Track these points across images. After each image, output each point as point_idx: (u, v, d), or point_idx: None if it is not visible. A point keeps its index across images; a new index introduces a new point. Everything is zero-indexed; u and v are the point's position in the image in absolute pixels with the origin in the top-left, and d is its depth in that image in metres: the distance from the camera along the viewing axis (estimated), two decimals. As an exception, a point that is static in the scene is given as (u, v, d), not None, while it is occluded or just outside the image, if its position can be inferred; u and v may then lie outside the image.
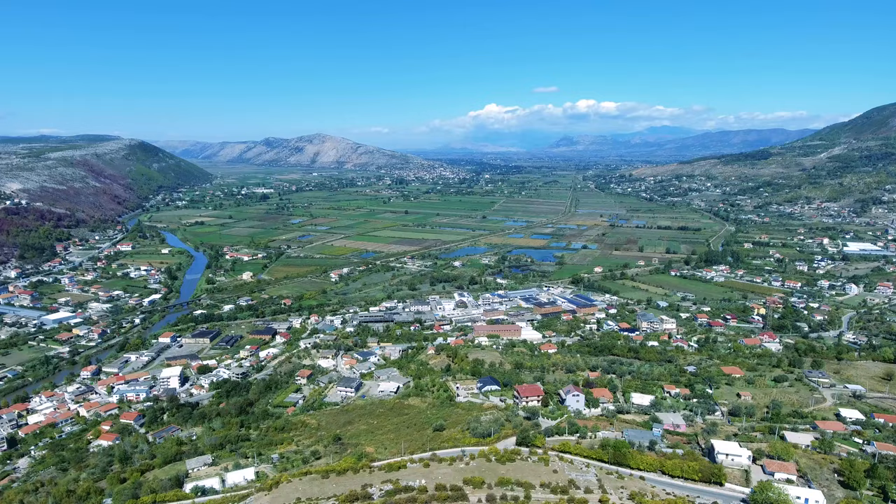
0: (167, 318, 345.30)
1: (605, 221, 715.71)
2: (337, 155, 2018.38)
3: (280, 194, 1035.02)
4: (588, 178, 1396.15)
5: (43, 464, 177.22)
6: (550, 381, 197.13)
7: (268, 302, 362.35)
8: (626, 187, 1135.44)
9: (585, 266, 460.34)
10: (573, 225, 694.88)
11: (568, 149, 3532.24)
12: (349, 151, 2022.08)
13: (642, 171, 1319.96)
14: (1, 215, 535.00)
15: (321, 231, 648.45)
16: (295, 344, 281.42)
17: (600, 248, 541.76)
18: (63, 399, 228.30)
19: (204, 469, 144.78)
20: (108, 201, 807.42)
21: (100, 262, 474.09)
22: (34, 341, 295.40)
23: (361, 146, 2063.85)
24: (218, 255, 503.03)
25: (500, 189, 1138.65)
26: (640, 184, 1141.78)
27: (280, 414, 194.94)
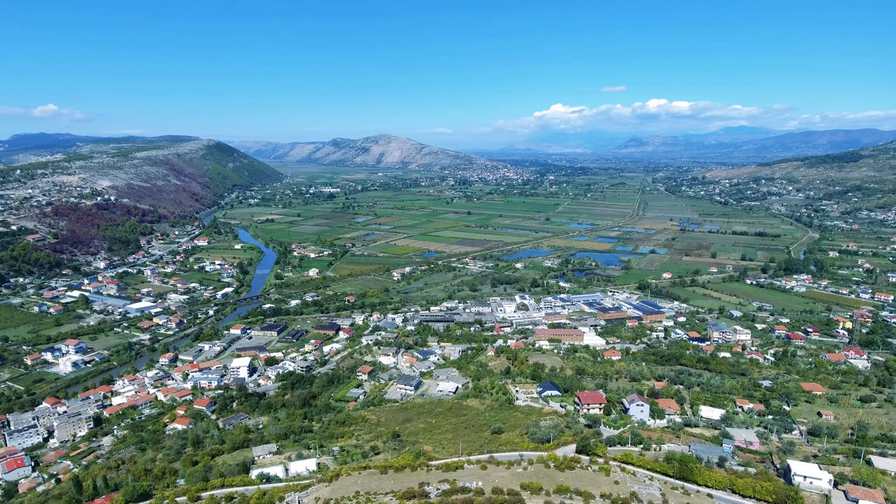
0: (238, 310, 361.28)
1: (674, 225, 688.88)
2: (401, 155, 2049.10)
3: (346, 193, 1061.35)
4: (657, 180, 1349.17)
5: (124, 443, 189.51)
6: (613, 389, 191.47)
7: (332, 298, 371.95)
8: (698, 190, 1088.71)
9: (653, 271, 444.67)
10: (641, 229, 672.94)
11: (636, 150, 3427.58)
12: (413, 152, 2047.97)
13: (716, 174, 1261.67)
14: (93, 210, 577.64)
15: (385, 230, 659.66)
16: (357, 340, 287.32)
17: (669, 253, 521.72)
18: (143, 383, 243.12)
19: (269, 457, 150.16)
20: (187, 198, 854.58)
21: (178, 256, 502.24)
22: (119, 328, 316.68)
23: (425, 147, 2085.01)
24: (286, 251, 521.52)
25: (565, 191, 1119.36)
26: (714, 186, 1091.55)
27: (341, 408, 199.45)
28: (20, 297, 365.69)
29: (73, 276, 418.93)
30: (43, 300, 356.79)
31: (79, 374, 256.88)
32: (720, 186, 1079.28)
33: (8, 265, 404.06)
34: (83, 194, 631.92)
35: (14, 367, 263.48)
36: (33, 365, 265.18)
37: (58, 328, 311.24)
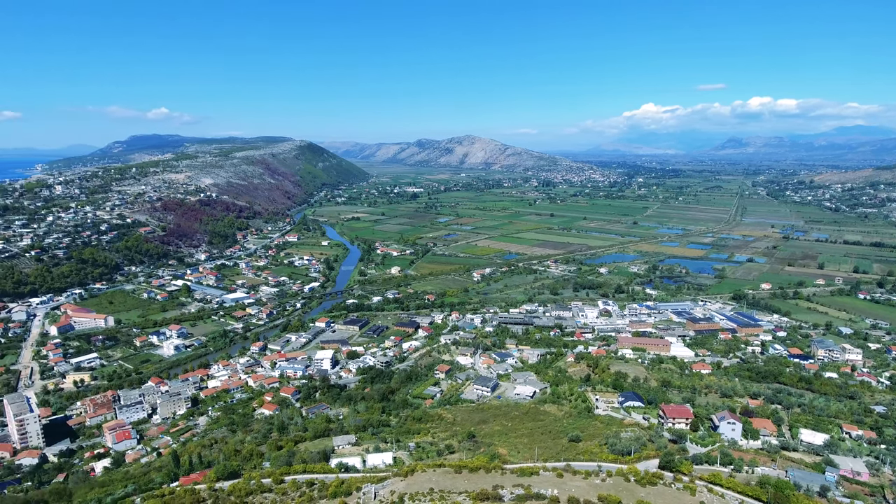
0: (323, 304, 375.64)
1: (776, 233, 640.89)
2: (485, 156, 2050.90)
3: (429, 193, 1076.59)
4: (758, 183, 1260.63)
5: (217, 423, 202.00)
6: (701, 405, 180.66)
7: (413, 296, 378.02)
8: (804, 195, 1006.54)
9: (750, 281, 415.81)
10: (737, 235, 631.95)
11: (735, 151, 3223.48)
12: (497, 153, 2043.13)
13: (826, 177, 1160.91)
14: (196, 206, 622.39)
15: (466, 230, 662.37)
16: (436, 339, 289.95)
17: (769, 263, 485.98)
18: (235, 369, 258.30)
19: (348, 447, 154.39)
20: (279, 196, 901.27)
21: (270, 251, 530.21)
22: (216, 316, 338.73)
23: (509, 147, 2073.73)
24: (370, 249, 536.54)
25: (654, 194, 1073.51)
26: (824, 191, 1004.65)
27: (418, 405, 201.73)
28: (132, 283, 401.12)
29: (178, 267, 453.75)
30: (151, 287, 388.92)
31: (180, 358, 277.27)
32: (830, 191, 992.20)
33: (123, 254, 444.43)
34: (188, 191, 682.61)
35: (125, 347, 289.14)
36: (141, 346, 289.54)
37: (163, 314, 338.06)
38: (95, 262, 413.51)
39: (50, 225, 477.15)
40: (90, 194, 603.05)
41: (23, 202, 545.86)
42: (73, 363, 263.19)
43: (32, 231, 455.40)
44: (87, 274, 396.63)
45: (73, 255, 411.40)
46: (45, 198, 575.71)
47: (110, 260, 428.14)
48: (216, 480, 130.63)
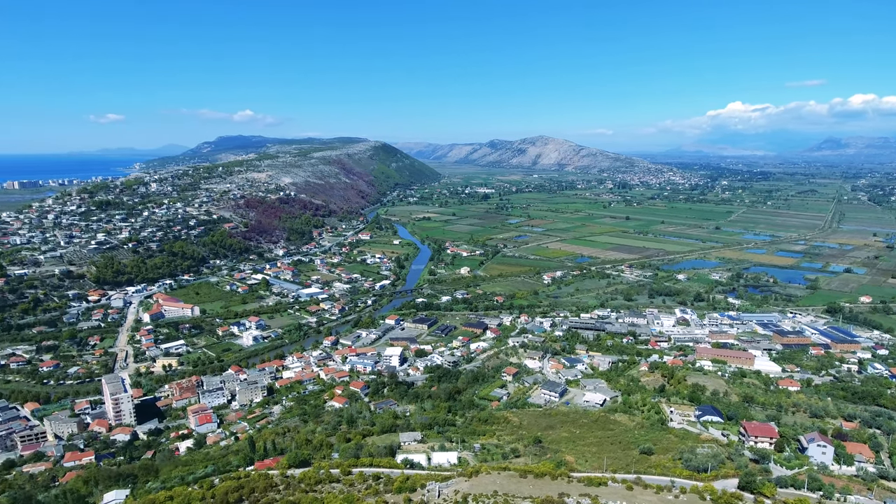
0: (393, 302, 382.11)
1: (879, 241, 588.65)
2: (558, 157, 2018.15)
3: (500, 194, 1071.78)
4: (858, 188, 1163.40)
5: (290, 413, 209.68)
6: (788, 424, 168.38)
7: (481, 297, 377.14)
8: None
9: (847, 294, 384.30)
10: (833, 243, 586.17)
11: (832, 152, 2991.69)
12: (570, 153, 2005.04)
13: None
14: (276, 204, 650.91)
15: (537, 232, 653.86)
16: (504, 341, 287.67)
17: (870, 274, 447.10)
18: (309, 361, 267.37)
19: (413, 444, 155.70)
20: (354, 195, 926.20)
21: (344, 248, 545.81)
22: (291, 310, 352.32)
23: (583, 148, 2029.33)
24: (440, 248, 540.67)
25: (740, 197, 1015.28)
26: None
27: (484, 406, 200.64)
28: (216, 276, 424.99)
29: (258, 261, 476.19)
30: (233, 280, 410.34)
31: (257, 348, 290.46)
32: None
33: (209, 248, 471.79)
34: (269, 189, 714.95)
35: (209, 336, 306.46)
36: (223, 336, 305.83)
37: (243, 306, 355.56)
38: (184, 254, 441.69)
39: (145, 219, 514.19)
40: (181, 191, 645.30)
41: (122, 198, 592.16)
42: (162, 349, 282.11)
43: (130, 225, 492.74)
44: (177, 266, 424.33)
45: (165, 248, 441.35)
46: (141, 194, 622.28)
47: (197, 253, 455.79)
48: (288, 467, 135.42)
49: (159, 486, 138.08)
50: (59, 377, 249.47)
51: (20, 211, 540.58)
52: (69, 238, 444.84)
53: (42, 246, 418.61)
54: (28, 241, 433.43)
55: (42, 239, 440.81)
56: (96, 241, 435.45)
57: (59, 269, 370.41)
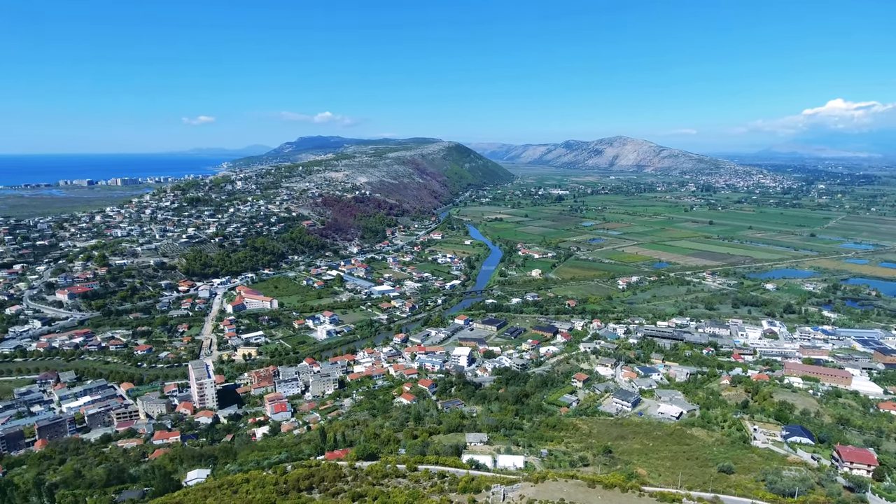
0: (463, 302, 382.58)
1: None
2: (637, 158, 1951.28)
3: (575, 196, 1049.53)
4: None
5: (360, 407, 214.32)
6: (890, 451, 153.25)
7: (552, 301, 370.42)
8: None
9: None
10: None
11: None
12: (650, 154, 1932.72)
13: None
14: (351, 203, 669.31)
15: (612, 236, 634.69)
16: (574, 346, 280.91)
17: None
18: (379, 357, 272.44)
19: (479, 445, 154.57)
20: (426, 195, 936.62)
21: (416, 247, 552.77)
22: (364, 306, 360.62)
23: (665, 149, 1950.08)
24: (512, 250, 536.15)
25: (839, 202, 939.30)
26: None
27: (553, 412, 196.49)
28: (294, 271, 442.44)
29: (333, 258, 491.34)
30: (310, 276, 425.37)
31: (331, 342, 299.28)
32: None
33: (288, 244, 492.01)
34: (345, 188, 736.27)
35: (285, 328, 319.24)
36: (299, 329, 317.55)
37: (318, 300, 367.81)
38: (265, 250, 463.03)
39: (231, 216, 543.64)
40: (264, 190, 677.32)
41: (211, 195, 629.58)
42: (243, 338, 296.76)
43: (217, 220, 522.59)
44: (258, 260, 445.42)
45: (248, 243, 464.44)
46: (228, 192, 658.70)
47: (277, 249, 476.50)
48: (356, 459, 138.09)
49: (237, 468, 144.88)
50: (151, 361, 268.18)
51: (122, 206, 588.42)
52: (163, 232, 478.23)
53: (139, 239, 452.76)
54: (128, 234, 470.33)
55: (140, 232, 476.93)
56: (187, 235, 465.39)
57: (154, 261, 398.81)
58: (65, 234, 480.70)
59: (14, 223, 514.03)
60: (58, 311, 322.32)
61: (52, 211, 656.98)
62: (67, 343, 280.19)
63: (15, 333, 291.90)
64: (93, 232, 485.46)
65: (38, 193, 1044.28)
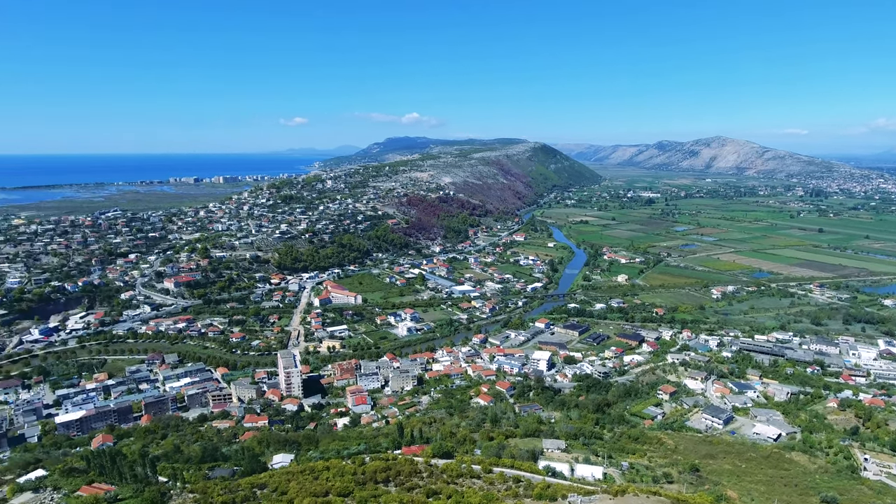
0: (544, 305, 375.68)
1: None
2: (737, 160, 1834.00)
3: (666, 199, 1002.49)
4: None
5: (437, 404, 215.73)
6: None
7: (638, 308, 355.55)
8: None
9: None
10: None
11: None
12: (752, 156, 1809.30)
13: None
14: (435, 202, 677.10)
15: (707, 242, 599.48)
16: (661, 356, 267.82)
17: None
18: (457, 357, 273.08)
19: (557, 452, 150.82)
20: (510, 196, 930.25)
21: (498, 249, 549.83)
22: (444, 305, 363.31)
23: (769, 150, 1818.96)
24: (597, 254, 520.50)
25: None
26: None
27: (636, 423, 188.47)
28: (378, 268, 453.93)
29: (416, 257, 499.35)
30: (393, 273, 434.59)
31: (411, 339, 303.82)
32: None
33: (373, 242, 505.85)
34: (430, 188, 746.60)
35: (368, 323, 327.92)
36: (381, 324, 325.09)
37: (400, 297, 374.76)
38: (351, 247, 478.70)
39: (321, 213, 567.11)
40: (352, 188, 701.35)
41: (302, 193, 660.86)
42: (328, 331, 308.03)
43: (308, 217, 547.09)
44: (345, 257, 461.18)
45: (336, 240, 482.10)
46: (318, 190, 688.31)
47: (363, 246, 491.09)
48: (432, 456, 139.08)
49: (318, 455, 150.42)
50: (244, 348, 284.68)
51: (223, 202, 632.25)
52: (259, 227, 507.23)
53: (237, 233, 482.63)
54: (227, 229, 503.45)
55: (238, 227, 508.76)
56: (280, 230, 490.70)
57: (250, 254, 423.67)
58: (173, 227, 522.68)
59: (130, 216, 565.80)
60: (165, 298, 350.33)
61: (163, 206, 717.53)
62: (172, 328, 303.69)
63: (128, 317, 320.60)
64: (197, 226, 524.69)
65: (151, 189, 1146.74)
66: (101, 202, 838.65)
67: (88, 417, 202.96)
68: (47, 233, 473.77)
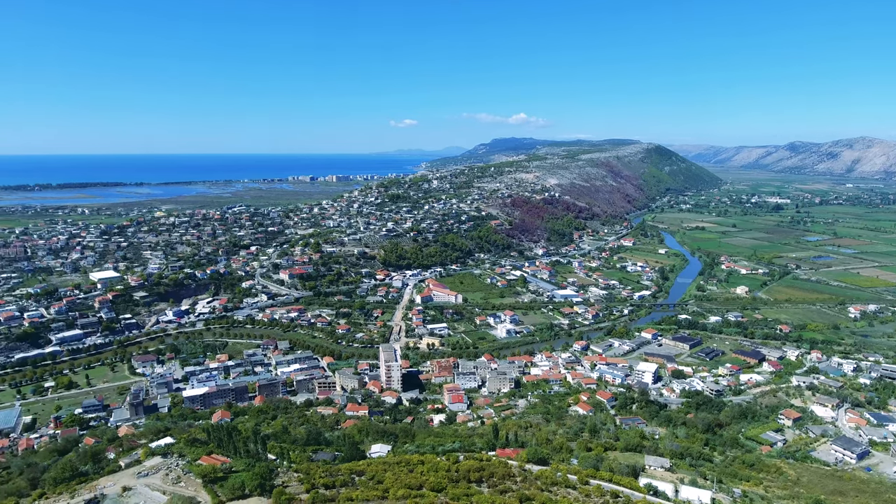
0: (652, 315, 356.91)
1: None
2: (886, 163, 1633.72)
3: (797, 206, 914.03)
4: None
5: (534, 409, 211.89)
6: None
7: (759, 323, 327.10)
8: None
9: None
10: None
11: None
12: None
13: None
14: (540, 204, 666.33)
15: (846, 254, 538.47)
16: (785, 378, 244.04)
17: None
18: (556, 362, 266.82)
19: (660, 471, 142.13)
20: (619, 199, 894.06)
21: (604, 253, 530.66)
22: (545, 309, 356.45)
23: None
24: (713, 263, 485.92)
25: None
26: None
27: (751, 448, 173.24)
28: (479, 269, 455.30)
29: (518, 259, 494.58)
30: (494, 274, 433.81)
31: (509, 341, 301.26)
32: None
33: (475, 242, 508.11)
34: (535, 190, 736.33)
35: (467, 323, 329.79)
36: (480, 325, 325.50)
37: (500, 299, 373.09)
38: (454, 246, 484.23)
39: (426, 212, 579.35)
40: (456, 189, 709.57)
41: (409, 193, 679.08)
42: (428, 328, 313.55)
43: (413, 216, 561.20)
44: (447, 256, 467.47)
45: (439, 239, 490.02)
46: (424, 190, 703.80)
47: (465, 246, 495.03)
48: (526, 461, 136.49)
49: (414, 449, 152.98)
50: (349, 340, 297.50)
51: (334, 200, 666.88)
52: (367, 224, 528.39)
53: (347, 230, 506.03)
54: (338, 225, 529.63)
55: (348, 224, 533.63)
56: (386, 228, 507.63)
57: (358, 250, 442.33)
58: (290, 222, 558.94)
59: (253, 211, 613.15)
60: (280, 288, 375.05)
61: (281, 202, 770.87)
62: (285, 316, 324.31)
63: (247, 304, 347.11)
64: (311, 222, 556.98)
65: (272, 187, 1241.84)
66: (228, 198, 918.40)
67: (210, 394, 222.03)
68: (182, 224, 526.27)
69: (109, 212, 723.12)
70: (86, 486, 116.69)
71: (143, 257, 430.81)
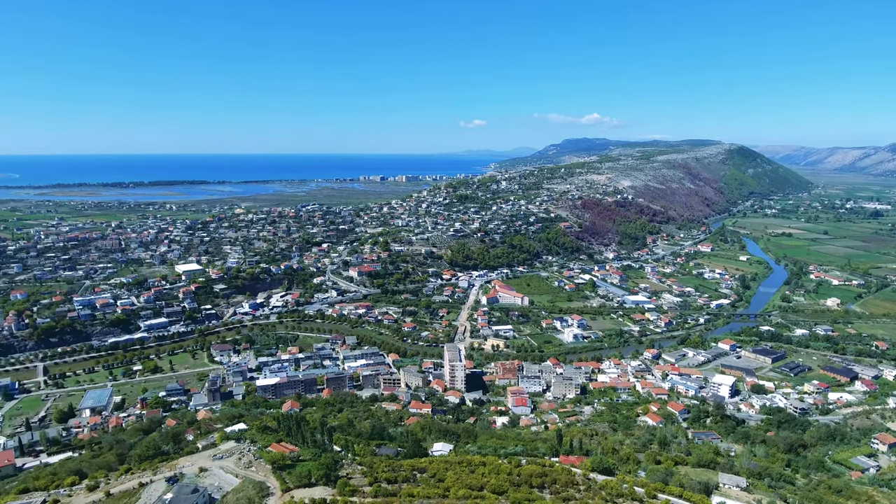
0: (730, 325, 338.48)
1: None
2: None
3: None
4: None
5: (600, 417, 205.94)
6: None
7: (852, 338, 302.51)
8: None
9: None
10: None
11: None
12: None
13: None
14: (611, 206, 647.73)
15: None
16: (880, 399, 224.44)
17: None
18: (625, 370, 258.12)
19: (735, 490, 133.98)
20: (697, 202, 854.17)
21: (679, 259, 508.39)
22: (614, 314, 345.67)
23: None
24: (801, 272, 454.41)
25: None
26: None
27: (839, 473, 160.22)
28: (547, 271, 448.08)
29: (587, 262, 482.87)
30: (562, 277, 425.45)
31: (576, 346, 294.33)
32: None
33: (543, 244, 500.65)
34: (606, 192, 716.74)
35: (533, 325, 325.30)
36: (546, 328, 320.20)
37: (568, 303, 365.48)
38: (521, 248, 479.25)
39: (493, 213, 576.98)
40: (525, 190, 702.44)
41: (477, 193, 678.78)
42: (493, 330, 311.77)
43: (481, 217, 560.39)
44: (514, 257, 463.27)
45: (506, 241, 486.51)
46: (492, 191, 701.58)
47: (533, 248, 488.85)
48: (591, 470, 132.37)
49: (476, 450, 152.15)
50: (414, 338, 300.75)
51: (404, 200, 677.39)
52: (434, 224, 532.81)
53: (415, 229, 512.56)
54: (406, 224, 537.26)
55: (416, 223, 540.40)
56: (454, 228, 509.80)
57: (425, 250, 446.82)
58: (360, 220, 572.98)
59: (326, 210, 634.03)
60: (349, 285, 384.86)
61: (352, 201, 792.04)
62: (353, 312, 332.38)
63: (318, 299, 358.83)
64: (380, 220, 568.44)
65: (343, 186, 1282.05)
66: (303, 196, 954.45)
67: (281, 384, 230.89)
68: (260, 221, 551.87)
69: (194, 208, 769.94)
70: (167, 464, 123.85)
71: (223, 252, 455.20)
